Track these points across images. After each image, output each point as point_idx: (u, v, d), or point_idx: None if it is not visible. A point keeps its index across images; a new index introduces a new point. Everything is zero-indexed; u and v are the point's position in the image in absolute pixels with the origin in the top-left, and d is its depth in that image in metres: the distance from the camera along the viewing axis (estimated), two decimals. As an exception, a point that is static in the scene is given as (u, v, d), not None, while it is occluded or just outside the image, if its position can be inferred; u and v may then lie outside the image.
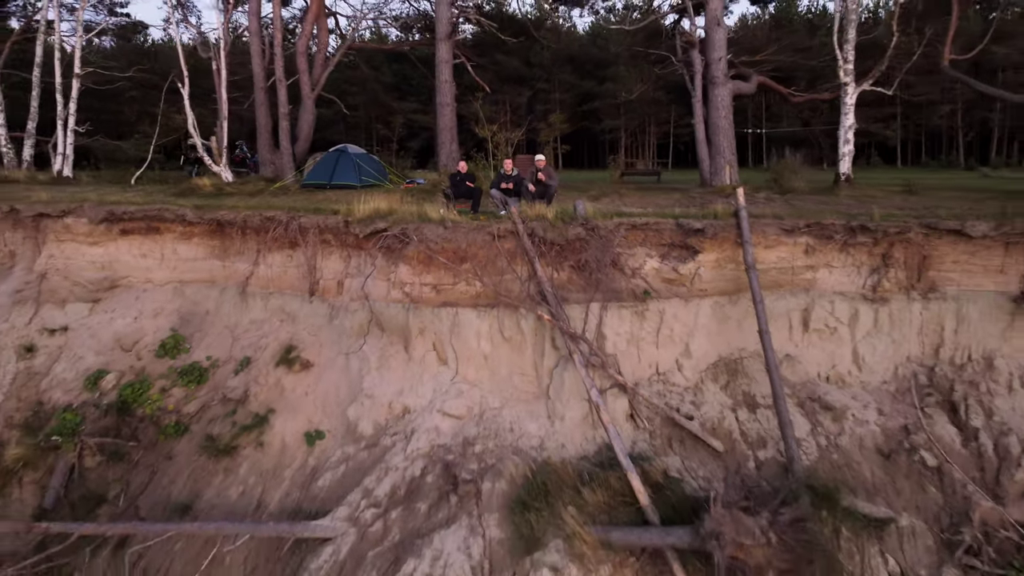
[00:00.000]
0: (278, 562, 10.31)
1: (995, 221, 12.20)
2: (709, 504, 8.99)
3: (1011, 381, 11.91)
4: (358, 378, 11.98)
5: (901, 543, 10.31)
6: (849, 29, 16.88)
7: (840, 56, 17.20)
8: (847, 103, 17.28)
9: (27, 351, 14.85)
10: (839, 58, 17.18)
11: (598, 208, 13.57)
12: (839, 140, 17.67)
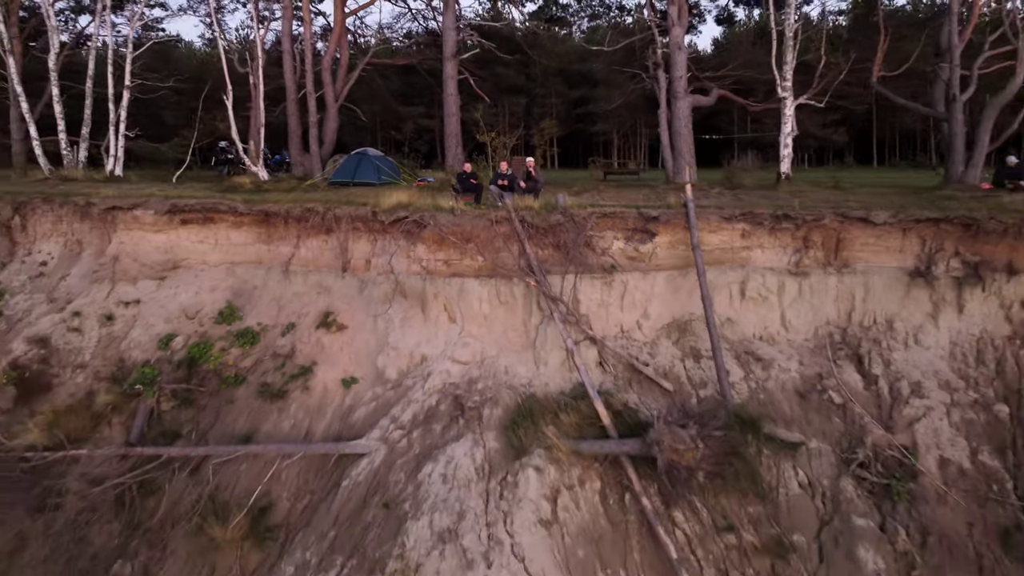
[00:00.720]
0: (324, 474, 12.77)
1: (894, 211, 14.64)
2: (654, 421, 11.45)
3: (906, 339, 14.30)
4: (384, 335, 14.45)
5: (809, 460, 12.70)
6: (787, 53, 19.27)
7: (778, 76, 19.61)
8: (786, 114, 19.62)
9: (107, 319, 17.27)
10: (777, 77, 19.57)
11: (577, 201, 16.02)
12: (780, 145, 20.08)
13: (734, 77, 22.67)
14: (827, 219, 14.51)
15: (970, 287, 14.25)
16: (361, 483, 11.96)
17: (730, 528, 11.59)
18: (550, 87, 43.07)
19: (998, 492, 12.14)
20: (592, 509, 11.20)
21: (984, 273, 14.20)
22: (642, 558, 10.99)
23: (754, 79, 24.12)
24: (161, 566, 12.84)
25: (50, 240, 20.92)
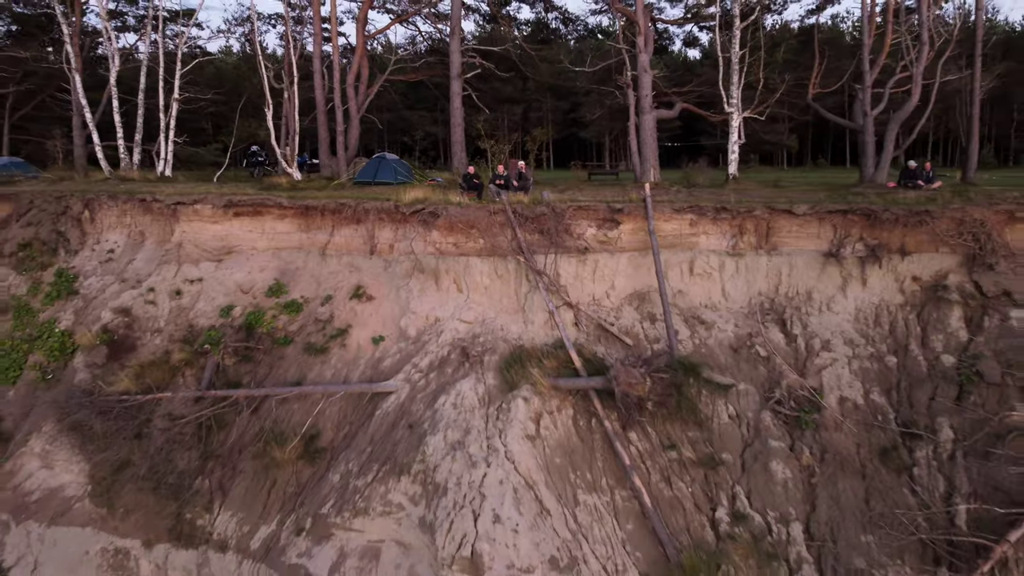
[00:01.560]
0: (360, 408, 15.62)
1: (811, 204, 17.48)
2: (615, 364, 14.31)
3: (820, 306, 17.10)
4: (406, 302, 17.27)
5: (738, 398, 15.51)
6: (733, 75, 22.10)
7: (725, 95, 22.45)
8: (733, 126, 22.44)
9: (176, 294, 20.07)
10: (724, 96, 22.40)
11: (559, 196, 18.87)
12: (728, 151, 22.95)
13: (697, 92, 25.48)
14: (758, 211, 17.34)
15: (871, 265, 17.08)
16: (390, 412, 14.83)
17: (672, 446, 14.45)
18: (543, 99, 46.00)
19: (881, 421, 15.00)
20: (566, 428, 14.08)
21: (882, 254, 17.04)
22: (604, 465, 13.86)
23: (714, 94, 26.94)
24: (232, 482, 15.71)
25: (115, 231, 23.71)
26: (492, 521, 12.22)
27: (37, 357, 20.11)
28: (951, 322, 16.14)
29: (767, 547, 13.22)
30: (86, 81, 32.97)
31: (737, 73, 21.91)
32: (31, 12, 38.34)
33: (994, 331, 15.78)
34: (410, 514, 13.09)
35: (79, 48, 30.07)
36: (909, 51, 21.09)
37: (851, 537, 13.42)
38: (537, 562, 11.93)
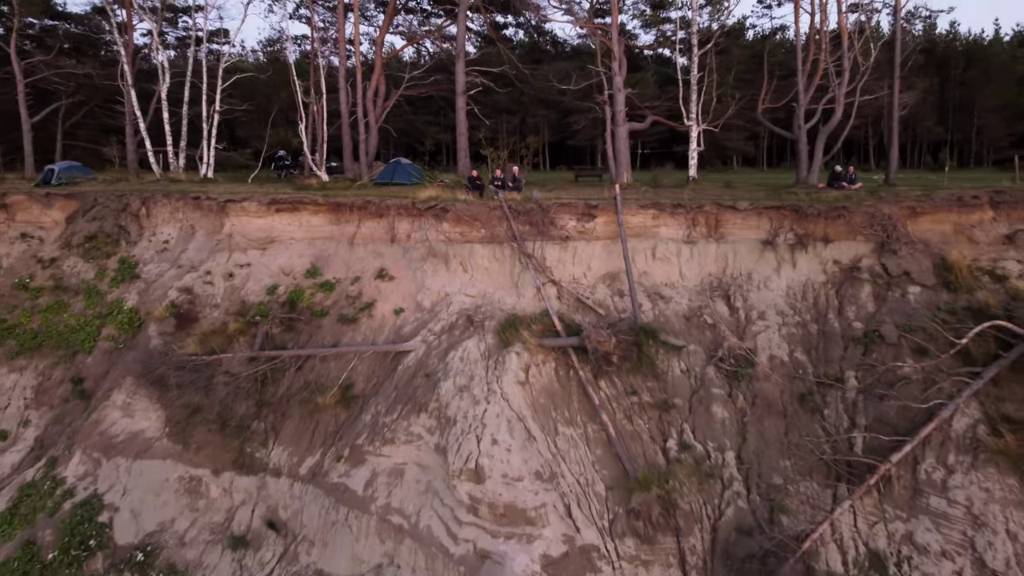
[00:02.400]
0: (386, 364, 18.51)
1: (751, 201, 20.40)
2: (587, 327, 17.23)
3: (758, 284, 19.89)
4: (421, 281, 20.15)
5: (688, 356, 18.31)
6: (692, 94, 24.97)
7: (684, 110, 25.37)
8: (692, 136, 25.35)
9: (229, 276, 22.91)
10: (684, 112, 25.33)
11: (547, 195, 21.77)
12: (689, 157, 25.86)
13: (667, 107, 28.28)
14: (708, 207, 20.23)
15: (800, 251, 19.95)
16: (410, 366, 17.74)
17: (634, 392, 17.36)
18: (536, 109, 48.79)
19: (801, 374, 17.87)
20: (549, 377, 16.99)
21: (808, 242, 19.92)
22: (578, 405, 16.78)
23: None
24: (283, 423, 18.62)
25: (169, 225, 26.48)
26: (491, 444, 15.16)
27: (110, 330, 23.03)
28: (862, 296, 19.05)
29: (706, 469, 16.16)
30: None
31: (696, 92, 24.85)
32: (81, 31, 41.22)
33: (895, 303, 18.68)
34: (427, 441, 16.03)
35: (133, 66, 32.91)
36: (834, 78, 24.01)
37: (772, 461, 16.36)
38: (525, 474, 14.88)
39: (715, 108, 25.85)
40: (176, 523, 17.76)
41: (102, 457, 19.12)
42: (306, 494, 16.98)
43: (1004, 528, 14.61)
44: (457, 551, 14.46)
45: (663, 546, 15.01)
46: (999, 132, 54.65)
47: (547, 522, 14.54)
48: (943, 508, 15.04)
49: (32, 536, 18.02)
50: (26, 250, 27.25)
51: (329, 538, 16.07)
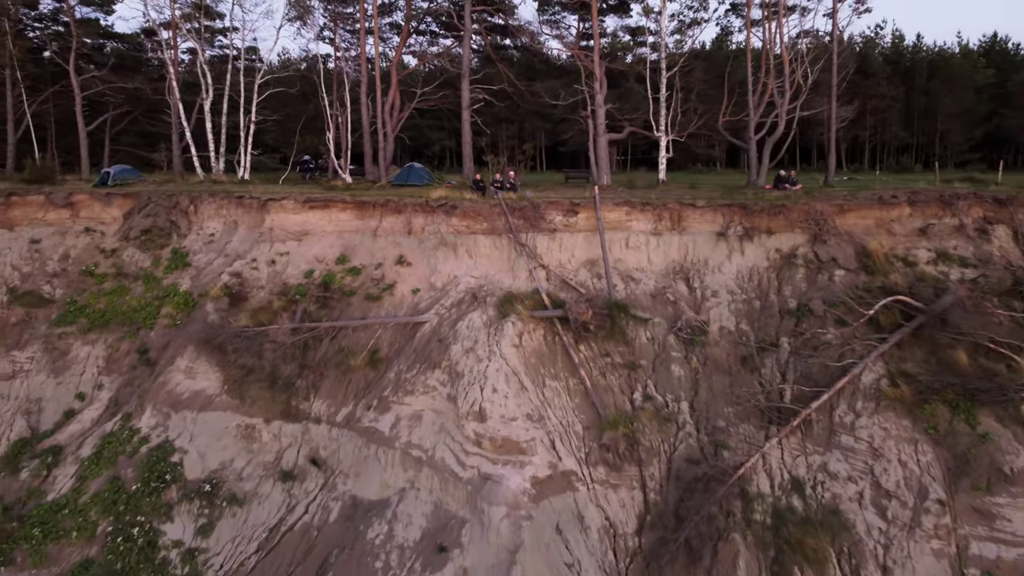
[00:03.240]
0: (406, 333, 21.42)
1: (708, 200, 23.35)
2: (569, 301, 20.21)
3: (713, 269, 22.72)
4: (434, 266, 23.01)
5: (653, 327, 21.18)
6: (661, 109, 27.91)
7: (654, 123, 28.33)
8: (661, 145, 28.28)
9: (271, 263, 25.72)
10: (653, 124, 28.28)
11: (538, 194, 24.67)
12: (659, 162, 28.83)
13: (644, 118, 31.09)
14: (671, 204, 23.16)
15: (747, 241, 22.84)
16: (427, 333, 20.69)
17: (607, 354, 20.28)
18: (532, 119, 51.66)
19: (744, 340, 20.79)
20: (538, 341, 19.94)
21: (754, 234, 22.82)
22: (562, 364, 19.72)
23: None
24: (321, 381, 21.51)
25: (214, 220, 29.15)
26: (492, 392, 18.13)
27: (168, 309, 25.83)
28: (796, 278, 21.97)
29: (664, 414, 19.11)
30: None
31: (664, 108, 27.79)
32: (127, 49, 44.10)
33: (823, 284, 21.59)
34: (440, 392, 18.99)
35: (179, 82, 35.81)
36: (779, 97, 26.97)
37: (718, 409, 19.31)
38: (518, 415, 17.86)
39: (680, 121, 28.78)
40: (235, 462, 20.69)
41: (171, 411, 22.01)
42: (342, 436, 19.92)
43: (896, 458, 17.62)
44: (465, 475, 17.45)
45: (628, 473, 18.01)
46: (959, 137, 56.87)
47: (536, 452, 17.53)
48: (851, 444, 18.03)
49: (116, 474, 20.91)
50: (90, 242, 29.93)
51: (361, 470, 19.02)
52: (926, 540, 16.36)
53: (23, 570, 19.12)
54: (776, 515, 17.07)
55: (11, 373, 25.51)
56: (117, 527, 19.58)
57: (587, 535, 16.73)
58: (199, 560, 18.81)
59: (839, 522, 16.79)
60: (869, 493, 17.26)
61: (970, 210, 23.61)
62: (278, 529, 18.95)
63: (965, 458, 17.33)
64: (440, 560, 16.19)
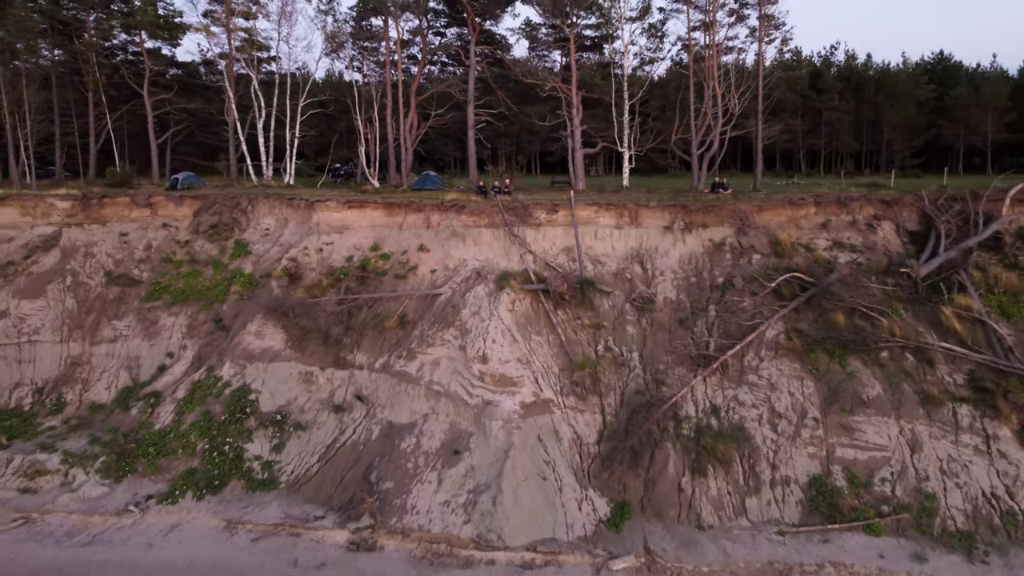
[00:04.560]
0: (427, 302, 25.93)
1: (658, 201, 27.87)
2: (550, 278, 24.77)
3: (662, 255, 27.06)
4: (447, 251, 27.38)
5: (613, 298, 25.74)
6: (624, 130, 32.46)
7: (618, 141, 32.90)
8: (625, 157, 32.79)
9: (319, 250, 30.04)
10: (617, 142, 32.87)
11: (528, 197, 29.12)
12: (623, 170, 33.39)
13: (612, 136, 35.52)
14: (630, 205, 27.61)
15: (688, 233, 27.26)
16: (443, 302, 25.17)
17: (578, 318, 24.76)
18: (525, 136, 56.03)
19: (682, 308, 25.31)
20: (526, 307, 24.46)
21: (693, 227, 27.27)
22: (544, 323, 24.22)
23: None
24: (362, 339, 25.89)
25: (268, 217, 33.31)
26: (492, 343, 22.64)
27: (236, 287, 30.08)
28: (724, 261, 26.42)
29: (620, 361, 23.59)
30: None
31: (627, 128, 32.30)
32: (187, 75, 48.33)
33: (744, 265, 26.04)
34: (453, 344, 23.50)
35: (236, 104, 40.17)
36: (714, 121, 31.57)
37: (660, 357, 23.79)
38: (511, 359, 22.40)
39: (640, 139, 33.26)
40: (298, 399, 25.14)
41: (246, 363, 26.40)
42: (379, 378, 24.39)
43: (787, 390, 22.14)
44: (472, 401, 22.00)
45: (591, 401, 22.55)
46: (902, 145, 60.01)
47: (524, 385, 22.08)
48: (755, 381, 22.55)
49: (207, 409, 25.26)
50: (167, 235, 34.10)
51: (395, 402, 23.49)
52: (804, 447, 20.93)
53: (144, 476, 23.57)
54: (698, 430, 21.60)
55: (113, 337, 29.77)
56: (212, 446, 24.00)
57: (560, 443, 21.32)
58: (274, 469, 23.27)
59: (743, 435, 21.29)
60: (766, 415, 21.79)
61: (862, 209, 28.10)
62: (333, 446, 23.40)
63: (836, 390, 21.87)
64: (455, 459, 20.76)
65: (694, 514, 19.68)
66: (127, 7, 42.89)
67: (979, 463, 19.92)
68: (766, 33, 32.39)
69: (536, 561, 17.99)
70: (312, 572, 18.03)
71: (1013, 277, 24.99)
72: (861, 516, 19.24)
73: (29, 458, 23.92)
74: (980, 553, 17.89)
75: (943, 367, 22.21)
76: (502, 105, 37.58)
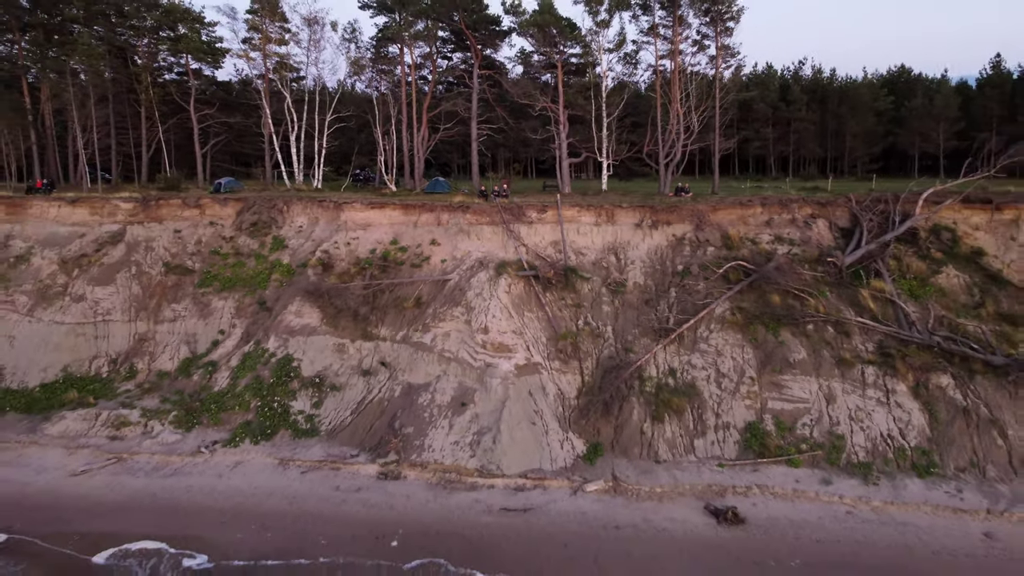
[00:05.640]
0: (438, 286, 29.29)
1: (629, 202, 31.30)
2: (539, 265, 28.21)
3: (633, 247, 30.69)
4: (455, 245, 30.57)
5: (592, 282, 29.15)
6: (602, 142, 35.86)
7: (597, 152, 36.27)
8: (604, 166, 36.19)
9: (347, 244, 33.36)
10: (597, 153, 36.25)
11: (523, 199, 32.54)
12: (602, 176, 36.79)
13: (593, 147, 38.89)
14: (607, 205, 31.03)
15: (655, 230, 30.60)
16: (452, 286, 28.55)
17: (563, 299, 28.03)
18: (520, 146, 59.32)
19: (648, 290, 28.71)
20: (520, 290, 27.86)
21: (659, 225, 30.64)
22: (535, 303, 27.61)
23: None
24: (385, 317, 29.31)
25: (301, 216, 36.33)
26: (492, 318, 26.05)
27: (276, 276, 33.28)
28: (684, 252, 29.74)
29: (596, 333, 26.81)
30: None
31: (605, 140, 35.74)
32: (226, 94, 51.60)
33: (699, 256, 29.36)
34: (460, 319, 26.86)
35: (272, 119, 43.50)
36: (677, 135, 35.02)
37: (629, 330, 27.16)
38: (508, 330, 25.85)
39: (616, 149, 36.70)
40: (332, 366, 28.43)
41: (288, 337, 29.75)
42: (400, 348, 27.77)
43: (730, 356, 25.50)
44: (476, 364, 25.40)
45: (572, 365, 25.93)
46: (862, 152, 62.58)
47: (518, 351, 25.49)
48: (705, 348, 25.91)
49: (257, 374, 28.52)
50: (214, 232, 37.19)
51: (413, 366, 26.81)
52: (742, 400, 24.34)
53: (208, 427, 26.89)
54: (658, 387, 24.98)
55: (173, 317, 32.99)
56: (263, 403, 27.32)
57: (547, 397, 24.77)
58: (315, 420, 26.57)
59: (694, 390, 24.67)
60: (713, 375, 25.18)
61: (801, 209, 31.46)
62: (363, 402, 26.75)
63: (769, 355, 25.27)
64: (462, 410, 24.18)
65: (652, 451, 23.12)
66: (174, 34, 46.09)
67: (880, 412, 23.33)
68: (723, 60, 35.81)
69: (526, 485, 21.44)
70: (352, 494, 21.46)
71: (923, 265, 28.30)
72: (784, 453, 22.64)
73: (114, 413, 27.29)
74: (873, 477, 21.33)
75: (857, 337, 25.60)
76: (501, 121, 40.94)
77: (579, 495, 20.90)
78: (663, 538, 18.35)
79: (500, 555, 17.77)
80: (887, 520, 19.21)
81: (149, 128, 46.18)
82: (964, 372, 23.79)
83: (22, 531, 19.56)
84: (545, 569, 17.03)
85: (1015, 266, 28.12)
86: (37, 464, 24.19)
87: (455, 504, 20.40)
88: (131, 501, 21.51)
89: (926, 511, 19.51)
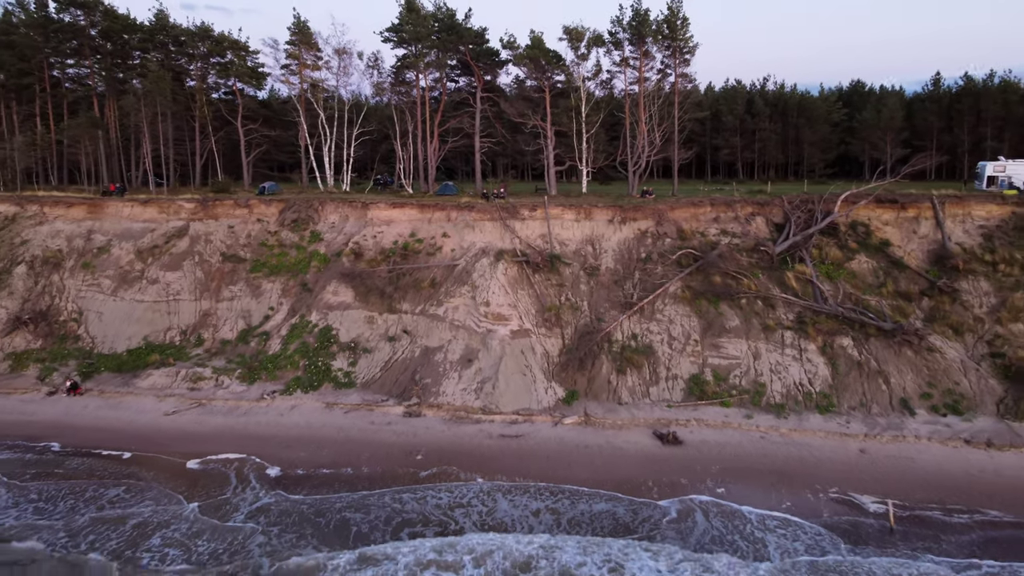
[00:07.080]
0: (449, 270, 33.33)
1: (604, 203, 35.33)
2: (530, 252, 32.30)
3: (606, 239, 34.67)
4: (463, 237, 34.51)
5: (573, 267, 33.13)
6: (582, 152, 39.83)
7: (579, 161, 40.25)
8: (583, 172, 40.16)
9: (374, 237, 37.26)
10: (578, 162, 40.22)
11: (518, 200, 36.58)
12: (583, 181, 40.86)
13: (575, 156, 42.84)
14: (585, 205, 35.06)
15: (624, 225, 34.50)
16: (460, 270, 32.47)
17: (549, 279, 32.04)
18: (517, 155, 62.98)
19: (617, 273, 32.81)
20: (515, 272, 31.79)
21: (627, 221, 34.64)
22: (527, 283, 31.58)
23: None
24: (406, 295, 33.43)
25: (333, 214, 40.03)
26: (492, 294, 30.06)
27: (315, 263, 37.04)
28: (646, 243, 33.78)
29: (574, 307, 30.85)
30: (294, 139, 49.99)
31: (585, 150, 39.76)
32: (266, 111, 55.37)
33: (659, 246, 33.35)
34: (466, 296, 30.78)
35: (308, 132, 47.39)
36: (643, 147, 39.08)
37: (601, 304, 31.16)
38: (505, 304, 29.91)
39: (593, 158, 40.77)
40: (363, 334, 32.35)
41: (327, 311, 33.74)
42: (419, 319, 31.76)
43: (680, 323, 29.47)
44: (479, 330, 29.43)
45: (555, 331, 29.95)
46: (817, 159, 64.75)
47: (512, 320, 29.51)
48: (661, 318, 29.87)
49: (304, 341, 32.53)
50: (261, 227, 40.77)
51: (429, 333, 30.79)
52: (687, 357, 28.33)
53: (267, 382, 30.76)
54: (623, 348, 28.95)
55: (231, 297, 36.73)
56: (310, 363, 31.22)
57: (535, 355, 28.82)
58: (352, 376, 30.47)
59: (650, 350, 28.60)
60: (666, 338, 29.19)
61: (743, 208, 35.38)
62: (389, 362, 30.69)
63: (710, 323, 29.23)
64: (469, 365, 28.15)
65: (617, 396, 27.21)
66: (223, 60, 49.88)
67: (794, 365, 27.41)
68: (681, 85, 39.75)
69: (518, 420, 25.53)
70: (384, 426, 25.57)
71: (839, 253, 32.25)
72: (718, 396, 26.70)
73: (191, 371, 31.28)
74: (785, 413, 25.40)
75: (781, 309, 29.62)
76: (499, 135, 44.92)
77: (559, 426, 25.01)
78: (619, 453, 22.48)
79: (497, 465, 21.89)
80: (790, 442, 23.32)
81: (202, 139, 49.96)
82: (861, 335, 27.80)
83: (138, 450, 23.70)
84: (531, 472, 21.19)
85: (914, 254, 32.12)
86: (136, 407, 28.27)
87: (464, 432, 24.51)
88: (214, 432, 25.58)
89: (820, 435, 23.62)
